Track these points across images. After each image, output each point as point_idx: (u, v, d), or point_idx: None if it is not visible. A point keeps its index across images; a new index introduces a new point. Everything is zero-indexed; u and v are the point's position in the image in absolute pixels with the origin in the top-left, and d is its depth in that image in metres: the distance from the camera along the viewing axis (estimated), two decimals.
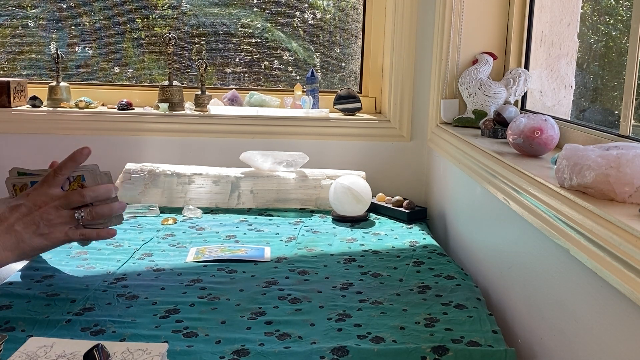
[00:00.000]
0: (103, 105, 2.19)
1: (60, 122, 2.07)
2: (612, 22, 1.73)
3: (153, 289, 1.28)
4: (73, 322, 1.12)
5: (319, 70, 2.33)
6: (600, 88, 1.70)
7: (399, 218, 1.88)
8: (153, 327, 1.12)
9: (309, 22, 2.33)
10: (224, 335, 1.09)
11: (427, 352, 1.04)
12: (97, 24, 2.27)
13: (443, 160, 1.93)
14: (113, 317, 1.15)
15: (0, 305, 1.18)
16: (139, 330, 1.10)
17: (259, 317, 1.17)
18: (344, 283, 1.35)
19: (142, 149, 2.11)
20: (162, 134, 2.11)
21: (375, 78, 2.28)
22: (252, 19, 2.30)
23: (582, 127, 1.48)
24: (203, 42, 2.31)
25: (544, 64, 1.83)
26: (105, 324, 1.12)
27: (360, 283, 1.36)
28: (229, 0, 2.30)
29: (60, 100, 2.12)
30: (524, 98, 1.89)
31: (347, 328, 1.13)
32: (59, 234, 1.13)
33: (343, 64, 2.35)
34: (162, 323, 1.14)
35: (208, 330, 1.11)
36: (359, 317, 1.18)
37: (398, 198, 1.93)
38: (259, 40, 2.31)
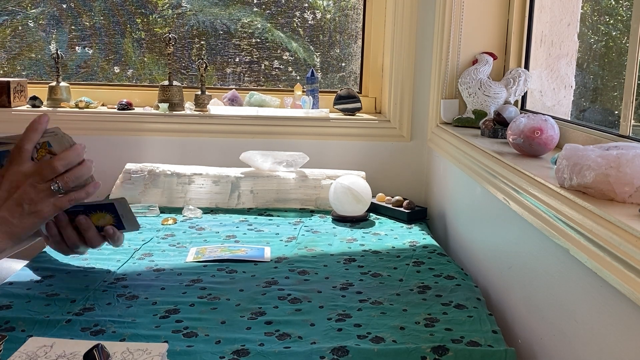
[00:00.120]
0: (103, 105, 2.19)
1: (60, 122, 2.03)
2: (612, 22, 1.73)
3: (153, 289, 1.28)
4: (73, 322, 1.12)
5: (319, 70, 2.33)
6: (600, 88, 1.70)
7: (399, 218, 1.88)
8: (153, 327, 1.12)
9: (309, 22, 2.33)
10: (224, 335, 1.09)
11: (427, 352, 1.04)
12: (97, 24, 2.27)
13: (443, 160, 1.93)
14: (113, 317, 1.15)
15: (0, 305, 1.18)
16: (139, 330, 1.10)
17: (259, 317, 1.17)
18: (344, 283, 1.35)
19: (142, 149, 2.11)
20: (162, 134, 2.11)
21: (375, 78, 2.28)
22: (252, 19, 2.30)
23: (582, 127, 1.48)
24: (203, 42, 2.31)
25: (544, 64, 1.83)
26: (105, 324, 1.12)
27: (360, 283, 1.36)
28: (229, 0, 2.30)
29: (60, 100, 2.12)
30: (524, 98, 1.89)
31: (347, 328, 1.13)
32: (48, 208, 1.11)
33: (343, 64, 2.35)
34: (162, 323, 1.14)
35: (208, 330, 1.11)
36: (359, 317, 1.18)
37: (398, 198, 1.93)
38: (259, 40, 2.31)
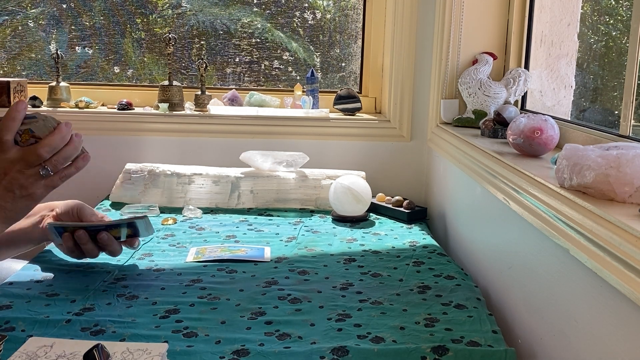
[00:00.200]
0: (103, 105, 2.19)
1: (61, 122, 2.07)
2: (612, 22, 1.73)
3: (153, 289, 1.28)
4: (73, 322, 1.12)
5: (319, 70, 2.33)
6: (600, 88, 1.70)
7: (399, 218, 1.88)
8: (153, 327, 1.12)
9: (309, 22, 2.33)
10: (224, 335, 1.09)
11: (427, 352, 1.04)
12: (97, 24, 2.27)
13: (443, 160, 1.93)
14: (113, 317, 1.15)
15: (0, 305, 1.18)
16: (139, 330, 1.10)
17: (259, 317, 1.17)
18: (344, 283, 1.35)
19: (142, 149, 2.11)
20: (162, 134, 2.11)
21: (375, 78, 2.28)
22: (252, 19, 2.30)
23: (582, 127, 1.48)
24: (203, 42, 2.31)
25: (544, 64, 1.83)
26: (105, 324, 1.12)
27: (360, 283, 1.36)
28: (229, 0, 2.30)
29: (60, 100, 2.12)
30: (524, 98, 1.89)
31: (347, 328, 1.13)
32: (39, 190, 1.11)
33: (343, 64, 2.35)
34: (162, 323, 1.14)
35: (208, 330, 1.11)
36: (359, 317, 1.18)
37: (398, 198, 1.93)
38: (259, 40, 2.31)
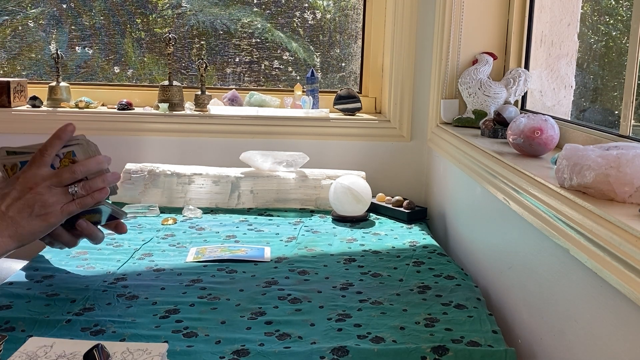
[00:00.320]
0: (103, 105, 2.19)
1: (61, 122, 2.00)
2: (612, 22, 1.73)
3: (153, 289, 1.28)
4: (73, 322, 1.12)
5: (319, 70, 2.33)
6: (600, 88, 1.70)
7: (399, 218, 1.88)
8: (153, 327, 1.12)
9: (309, 22, 2.33)
10: (224, 335, 1.09)
11: (427, 352, 1.04)
12: (97, 24, 2.27)
13: (443, 160, 1.93)
14: (113, 317, 1.15)
15: (0, 305, 1.18)
16: (139, 330, 1.10)
17: (259, 317, 1.17)
18: (344, 283, 1.35)
19: (142, 149, 2.11)
20: (162, 134, 2.11)
21: (375, 78, 2.28)
22: (252, 19, 2.30)
23: (582, 127, 1.48)
24: (203, 42, 2.31)
25: (544, 64, 1.83)
26: (105, 324, 1.12)
27: (360, 283, 1.36)
28: (229, 0, 2.30)
29: (60, 100, 2.12)
30: (524, 98, 1.89)
31: (347, 328, 1.13)
32: (56, 212, 1.10)
33: (343, 64, 2.35)
34: (162, 323, 1.14)
35: (208, 330, 1.11)
36: (359, 317, 1.18)
37: (398, 198, 1.93)
38: (259, 40, 2.31)
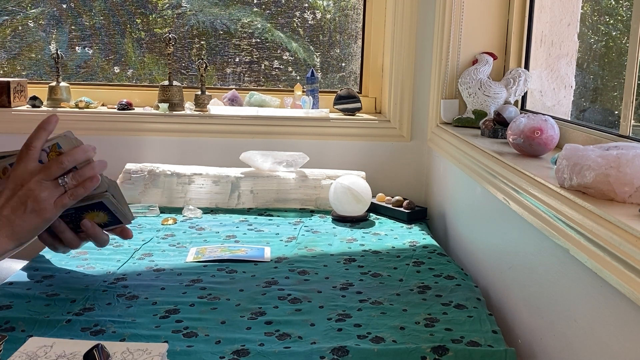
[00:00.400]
0: (103, 105, 2.19)
1: (60, 122, 1.99)
2: (612, 22, 1.73)
3: (153, 289, 1.28)
4: (73, 322, 1.12)
5: (319, 70, 2.33)
6: (600, 88, 1.70)
7: (399, 218, 1.88)
8: (153, 327, 1.12)
9: (309, 22, 2.33)
10: (224, 335, 1.09)
11: (427, 352, 1.04)
12: (97, 24, 2.27)
13: (443, 160, 1.93)
14: (113, 317, 1.15)
15: (0, 305, 1.18)
16: (139, 330, 1.10)
17: (259, 317, 1.17)
18: (344, 283, 1.35)
19: (142, 149, 2.11)
20: (162, 134, 2.11)
21: (375, 78, 2.28)
22: (252, 19, 2.30)
23: (582, 127, 1.48)
24: (203, 42, 2.31)
25: (544, 64, 1.83)
26: (105, 324, 1.12)
27: (360, 283, 1.36)
28: (229, 0, 2.30)
29: (60, 100, 2.12)
30: (524, 98, 1.89)
31: (347, 328, 1.13)
32: (49, 207, 1.10)
33: (343, 64, 2.35)
34: (162, 323, 1.14)
35: (208, 330, 1.11)
36: (359, 317, 1.18)
37: (398, 198, 1.93)
38: (259, 40, 2.31)
